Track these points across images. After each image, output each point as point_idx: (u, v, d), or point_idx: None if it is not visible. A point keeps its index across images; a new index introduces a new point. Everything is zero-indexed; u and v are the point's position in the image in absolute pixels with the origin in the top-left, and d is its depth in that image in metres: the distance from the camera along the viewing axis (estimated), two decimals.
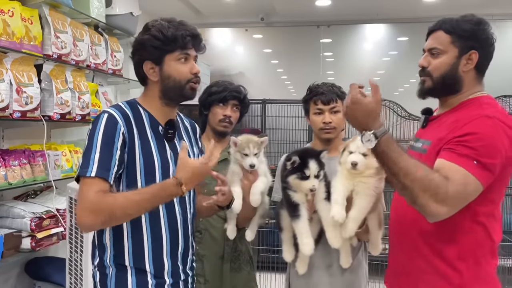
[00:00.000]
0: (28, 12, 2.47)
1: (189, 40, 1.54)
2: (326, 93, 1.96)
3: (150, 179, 1.50)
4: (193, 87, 1.57)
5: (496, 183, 1.43)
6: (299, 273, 1.88)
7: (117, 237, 1.49)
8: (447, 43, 1.53)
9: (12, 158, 2.40)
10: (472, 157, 1.37)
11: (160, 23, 1.53)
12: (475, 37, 1.52)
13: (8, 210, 2.47)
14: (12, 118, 2.30)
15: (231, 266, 2.01)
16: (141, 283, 1.50)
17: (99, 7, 3.27)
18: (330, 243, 1.74)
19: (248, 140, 1.81)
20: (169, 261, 1.55)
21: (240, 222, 1.95)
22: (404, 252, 1.60)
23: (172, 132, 1.60)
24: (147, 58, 1.54)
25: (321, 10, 5.07)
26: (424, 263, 1.52)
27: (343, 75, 5.44)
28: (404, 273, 1.60)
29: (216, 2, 4.90)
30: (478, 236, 1.47)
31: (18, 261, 2.71)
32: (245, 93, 2.11)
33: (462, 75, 1.54)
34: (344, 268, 1.87)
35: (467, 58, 1.52)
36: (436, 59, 1.55)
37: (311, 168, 1.67)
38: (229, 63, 5.70)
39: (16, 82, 2.32)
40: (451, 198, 1.35)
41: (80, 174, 1.43)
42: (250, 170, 1.81)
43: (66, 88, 2.71)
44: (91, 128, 1.47)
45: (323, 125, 1.94)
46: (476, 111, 1.47)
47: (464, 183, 1.36)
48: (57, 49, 2.63)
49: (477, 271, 1.48)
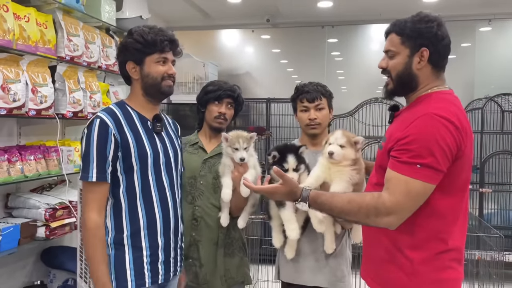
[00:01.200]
0: (43, 17, 2.60)
1: (167, 45, 1.74)
2: (311, 92, 2.08)
3: (144, 167, 1.71)
4: (168, 84, 1.78)
5: (449, 177, 1.47)
6: (288, 258, 2.02)
7: (117, 221, 1.70)
8: (398, 44, 1.60)
9: (28, 153, 2.54)
10: (413, 162, 1.44)
11: (142, 29, 1.74)
12: (423, 35, 1.56)
13: (24, 201, 2.61)
14: (28, 116, 2.44)
15: (225, 251, 2.12)
16: (138, 260, 1.69)
17: (110, 11, 3.42)
18: (315, 228, 1.88)
19: (238, 135, 1.96)
20: (162, 239, 1.75)
21: (232, 211, 2.08)
22: (369, 242, 1.70)
23: (159, 125, 1.79)
24: (130, 58, 1.76)
25: (324, 11, 5.12)
26: (384, 252, 1.59)
27: (352, 74, 5.50)
28: (369, 261, 1.69)
29: (222, 4, 4.98)
30: (432, 227, 1.51)
31: (34, 249, 2.86)
32: (239, 92, 2.22)
33: (416, 73, 1.58)
34: (328, 253, 2.00)
35: (419, 55, 1.57)
36: (391, 60, 1.62)
37: (289, 162, 1.83)
38: (236, 63, 5.79)
39: (32, 83, 2.45)
40: (393, 208, 1.44)
41: (83, 179, 1.66)
42: (240, 163, 1.94)
43: (78, 88, 2.84)
44: (86, 133, 1.67)
45: (309, 121, 2.08)
46: (421, 109, 1.51)
47: (406, 191, 1.44)
48: (69, 51, 2.77)
49: (429, 260, 1.52)
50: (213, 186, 2.11)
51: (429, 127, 1.45)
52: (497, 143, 4.67)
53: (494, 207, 4.79)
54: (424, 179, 1.43)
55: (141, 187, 1.72)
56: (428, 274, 1.52)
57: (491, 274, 2.96)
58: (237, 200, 2.01)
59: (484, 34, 5.09)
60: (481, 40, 5.08)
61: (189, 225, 2.10)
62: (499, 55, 5.06)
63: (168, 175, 1.81)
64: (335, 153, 1.78)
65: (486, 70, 5.06)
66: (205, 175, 2.12)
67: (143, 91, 1.79)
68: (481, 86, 5.03)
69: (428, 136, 1.44)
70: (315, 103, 2.08)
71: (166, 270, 1.78)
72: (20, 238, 2.42)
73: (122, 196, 1.70)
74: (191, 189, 2.13)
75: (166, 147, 1.82)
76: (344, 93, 5.53)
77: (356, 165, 1.80)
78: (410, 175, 1.44)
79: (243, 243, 2.22)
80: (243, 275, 2.19)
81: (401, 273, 1.54)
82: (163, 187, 1.77)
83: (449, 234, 1.54)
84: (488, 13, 5.03)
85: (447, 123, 1.45)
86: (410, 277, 1.52)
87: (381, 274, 1.61)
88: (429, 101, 1.55)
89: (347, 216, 1.53)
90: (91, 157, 1.63)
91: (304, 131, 2.17)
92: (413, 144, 1.45)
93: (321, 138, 2.11)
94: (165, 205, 1.77)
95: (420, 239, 1.52)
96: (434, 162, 1.43)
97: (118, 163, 1.68)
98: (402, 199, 1.44)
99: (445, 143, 1.44)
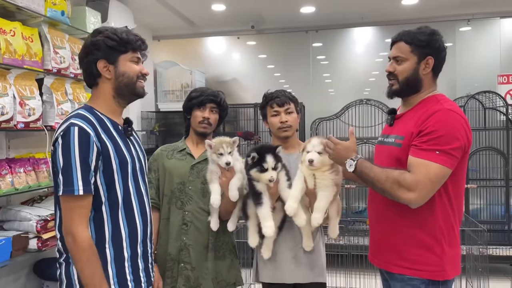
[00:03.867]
0: (29, 31, 2.63)
1: (140, 44, 1.70)
2: (280, 97, 2.18)
3: (125, 175, 1.65)
4: (142, 85, 1.72)
5: (459, 166, 1.71)
6: (264, 258, 2.08)
7: (99, 233, 1.60)
8: (407, 52, 1.83)
9: (18, 165, 2.56)
10: (433, 148, 1.66)
11: (112, 28, 1.68)
12: (429, 45, 1.81)
13: (15, 214, 2.61)
14: (16, 129, 2.46)
15: (215, 254, 2.15)
16: (120, 271, 1.63)
17: (95, 23, 3.45)
18: (296, 222, 1.95)
19: (221, 141, 2.01)
20: (141, 247, 1.71)
21: (222, 215, 2.12)
22: (387, 229, 1.84)
23: (130, 129, 1.74)
24: (101, 57, 1.64)
25: (307, 16, 5.20)
26: (409, 237, 1.77)
27: (338, 77, 5.57)
28: (389, 248, 1.83)
29: (207, 12, 5.02)
30: (447, 209, 1.74)
31: (26, 261, 2.86)
32: (222, 96, 2.26)
33: (422, 77, 1.84)
34: (306, 250, 2.08)
35: (425, 63, 1.82)
36: (400, 65, 1.85)
37: (268, 161, 1.90)
38: (223, 70, 5.84)
39: (19, 96, 2.47)
40: (413, 185, 1.64)
41: (66, 193, 1.49)
42: (226, 167, 1.99)
43: (66, 99, 2.87)
44: (63, 143, 1.51)
45: (280, 125, 2.16)
46: (436, 106, 1.75)
47: (426, 172, 1.65)
48: (56, 63, 2.79)
49: (451, 239, 1.76)
50: (202, 191, 2.15)
51: (447, 120, 1.69)
52: (480, 140, 4.78)
53: (479, 203, 4.89)
54: (442, 163, 1.65)
55: (123, 197, 1.64)
56: (451, 252, 1.76)
57: (477, 268, 3.03)
58: (226, 204, 2.05)
59: (464, 34, 5.21)
60: (461, 40, 5.19)
61: (179, 230, 2.13)
62: (479, 54, 5.18)
63: (143, 181, 1.77)
64: (314, 160, 1.89)
65: (467, 69, 5.18)
66: (194, 181, 2.16)
67: (114, 92, 1.68)
68: (463, 85, 5.15)
69: (446, 127, 1.68)
70: (284, 107, 2.18)
71: (147, 278, 1.74)
72: (12, 250, 2.43)
73: (104, 207, 1.59)
74: (180, 194, 2.16)
75: (137, 151, 1.77)
76: (331, 96, 5.61)
77: (333, 167, 1.92)
78: (430, 159, 1.65)
79: (233, 245, 2.26)
80: (234, 276, 2.23)
81: (433, 255, 1.74)
82: (141, 194, 1.72)
83: (459, 218, 1.79)
84: (466, 14, 5.16)
85: (460, 118, 1.71)
86: (441, 256, 1.73)
87: (408, 258, 1.77)
88: (436, 101, 1.79)
89: (378, 183, 1.71)
90: (74, 168, 1.49)
91: (275, 136, 2.24)
92: (433, 134, 1.68)
93: (291, 142, 2.22)
94: (144, 212, 1.72)
95: (445, 224, 1.74)
96: (451, 150, 1.66)
97: (98, 173, 1.57)
98: (421, 179, 1.64)
99: (460, 134, 1.68)
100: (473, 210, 4.85)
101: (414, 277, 1.74)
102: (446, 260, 1.73)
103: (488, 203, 4.86)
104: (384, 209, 1.84)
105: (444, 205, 1.73)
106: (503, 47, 5.10)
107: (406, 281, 1.76)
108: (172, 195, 2.17)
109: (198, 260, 2.12)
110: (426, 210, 1.72)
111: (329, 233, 2.07)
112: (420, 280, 1.74)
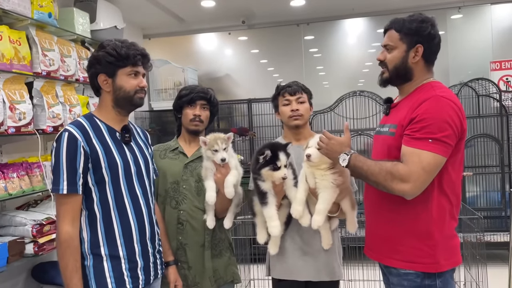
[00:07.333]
0: (16, 34, 2.61)
1: (139, 59, 1.79)
2: (292, 86, 2.18)
3: (115, 178, 1.74)
4: (140, 96, 1.82)
5: (453, 154, 1.67)
6: (271, 254, 2.07)
7: (93, 232, 1.72)
8: (396, 40, 1.81)
9: (11, 170, 2.55)
10: (425, 137, 1.63)
11: (114, 43, 1.78)
12: (419, 33, 1.77)
13: (10, 219, 2.62)
14: (7, 134, 2.45)
15: (212, 252, 2.14)
16: (117, 267, 1.72)
17: (83, 23, 3.42)
18: (302, 224, 1.93)
19: (216, 137, 1.99)
20: (139, 246, 1.78)
21: (217, 213, 2.11)
22: (381, 222, 1.82)
23: (128, 135, 1.83)
24: (101, 71, 1.78)
25: (297, 9, 5.17)
26: (402, 229, 1.74)
27: (332, 70, 5.56)
28: (385, 241, 1.81)
29: (197, 9, 4.99)
30: (441, 200, 1.71)
31: (23, 266, 2.86)
32: (212, 93, 2.26)
33: (411, 66, 1.80)
34: (325, 249, 2.06)
35: (414, 51, 1.78)
36: (389, 53, 1.83)
37: (281, 159, 1.87)
38: (216, 67, 5.81)
39: (9, 100, 2.46)
40: (407, 176, 1.61)
41: (54, 192, 1.67)
42: (221, 164, 1.98)
43: (57, 102, 2.86)
44: (55, 146, 1.69)
45: (291, 113, 2.15)
46: (428, 93, 1.72)
47: (419, 161, 1.62)
48: (45, 66, 2.78)
49: (445, 230, 1.72)
50: (196, 189, 2.14)
51: (438, 107, 1.64)
52: (475, 127, 4.79)
53: (475, 190, 4.91)
54: (435, 151, 1.62)
55: (114, 197, 1.73)
56: (445, 244, 1.72)
57: (475, 255, 3.04)
58: (221, 201, 2.04)
59: (455, 21, 5.20)
60: (453, 28, 5.19)
61: (175, 229, 2.13)
62: (471, 41, 5.18)
63: (140, 183, 1.83)
64: (312, 155, 1.85)
65: (460, 56, 5.18)
66: (188, 179, 2.15)
67: (113, 103, 1.81)
68: (456, 73, 5.15)
69: (437, 114, 1.63)
70: (296, 96, 2.17)
71: (146, 275, 1.81)
72: (8, 256, 2.43)
73: (96, 207, 1.71)
74: (174, 194, 2.15)
75: (136, 156, 1.85)
76: (326, 88, 5.60)
77: (335, 167, 1.87)
78: (423, 148, 1.62)
79: (229, 243, 2.26)
80: (232, 274, 2.23)
81: (426, 247, 1.70)
82: (136, 195, 1.80)
83: (456, 207, 1.76)
84: (457, 1, 5.15)
85: (453, 104, 1.66)
86: (433, 248, 1.70)
87: (401, 250, 1.75)
88: (430, 87, 1.75)
89: (372, 176, 1.69)
90: (61, 170, 1.64)
91: (286, 125, 2.22)
92: (424, 122, 1.64)
93: (304, 134, 2.19)
94: (139, 213, 1.80)
95: (439, 216, 1.71)
96: (444, 137, 1.62)
97: (89, 175, 1.69)
98: (415, 169, 1.61)
99: (452, 121, 1.64)
100: (469, 197, 4.87)
101: (409, 270, 1.72)
102: (439, 252, 1.70)
103: (484, 190, 4.88)
104: (379, 201, 1.81)
105: (438, 196, 1.70)
106: (494, 34, 5.10)
107: (402, 276, 1.74)
108: (166, 194, 2.16)
109: (194, 259, 2.12)
110: (420, 201, 1.68)
111: (348, 227, 2.04)
112: (415, 274, 1.71)
